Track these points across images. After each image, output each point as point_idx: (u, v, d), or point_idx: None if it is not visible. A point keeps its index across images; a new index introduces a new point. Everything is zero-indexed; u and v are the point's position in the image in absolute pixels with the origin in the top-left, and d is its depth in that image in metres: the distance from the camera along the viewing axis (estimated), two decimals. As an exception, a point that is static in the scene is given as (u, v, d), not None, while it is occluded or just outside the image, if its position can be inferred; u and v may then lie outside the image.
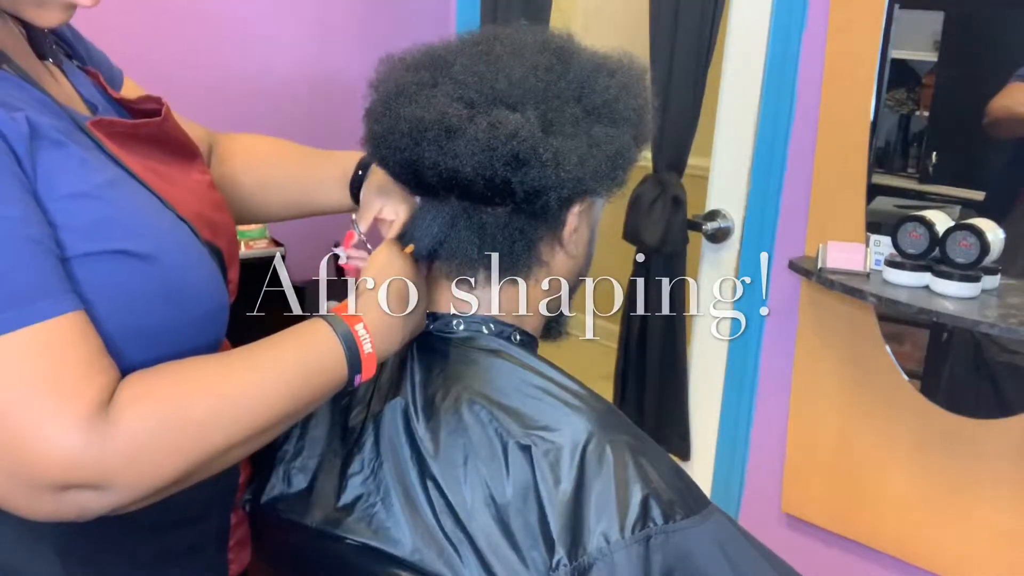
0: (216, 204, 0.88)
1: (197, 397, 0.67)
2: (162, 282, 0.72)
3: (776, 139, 1.76)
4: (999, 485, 1.53)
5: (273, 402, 0.71)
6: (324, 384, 0.76)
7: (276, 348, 0.74)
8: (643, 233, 1.90)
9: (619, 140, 0.86)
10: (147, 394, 0.65)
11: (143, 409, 0.64)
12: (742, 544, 0.79)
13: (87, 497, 0.63)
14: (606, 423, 0.81)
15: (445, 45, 0.90)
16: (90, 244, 0.68)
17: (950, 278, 1.43)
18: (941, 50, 1.66)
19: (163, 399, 0.66)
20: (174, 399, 0.66)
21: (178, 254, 0.74)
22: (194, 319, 0.76)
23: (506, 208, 0.86)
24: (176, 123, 0.88)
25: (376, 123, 0.87)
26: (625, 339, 2.07)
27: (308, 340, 0.76)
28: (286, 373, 0.73)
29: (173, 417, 0.65)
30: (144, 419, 0.64)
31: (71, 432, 0.61)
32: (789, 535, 1.88)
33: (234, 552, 0.90)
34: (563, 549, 0.74)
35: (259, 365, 0.72)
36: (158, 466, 0.65)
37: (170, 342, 0.73)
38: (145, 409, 0.64)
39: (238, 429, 0.69)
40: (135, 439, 0.63)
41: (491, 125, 0.81)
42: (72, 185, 0.68)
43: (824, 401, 1.75)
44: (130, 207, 0.72)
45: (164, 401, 0.66)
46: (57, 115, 0.72)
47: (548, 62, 0.86)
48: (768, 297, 1.84)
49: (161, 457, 0.65)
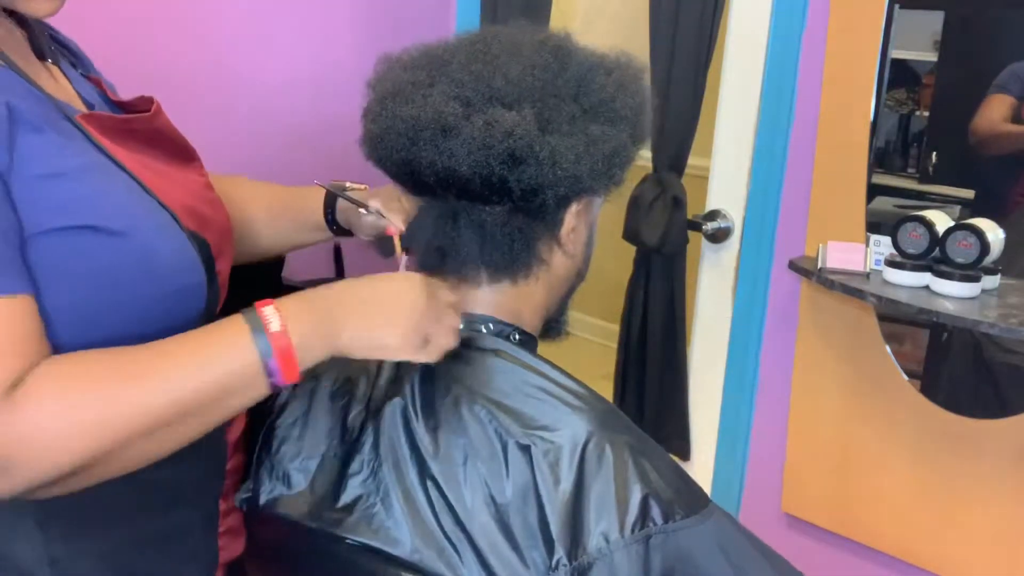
0: (209, 201, 0.89)
1: (95, 394, 0.68)
2: (133, 256, 0.74)
3: (776, 139, 1.76)
4: (999, 485, 1.52)
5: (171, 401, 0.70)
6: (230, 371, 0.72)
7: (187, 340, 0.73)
8: (643, 233, 1.90)
9: (616, 138, 0.86)
10: (52, 384, 0.67)
11: (44, 398, 0.66)
12: (742, 543, 0.79)
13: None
14: (606, 423, 0.81)
15: (442, 44, 0.90)
16: (58, 220, 0.70)
17: (950, 278, 1.43)
18: (941, 50, 1.66)
19: (64, 392, 0.67)
20: (74, 394, 0.67)
21: (150, 232, 0.76)
22: (169, 292, 0.77)
23: (504, 207, 0.86)
24: (169, 122, 0.90)
25: (373, 123, 0.88)
26: (625, 339, 2.06)
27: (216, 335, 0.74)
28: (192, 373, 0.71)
29: (69, 411, 0.67)
30: (42, 407, 0.66)
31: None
32: (789, 535, 1.88)
33: (225, 540, 0.91)
34: (563, 549, 0.74)
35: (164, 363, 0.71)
36: (52, 454, 0.66)
37: (148, 316, 0.75)
38: (46, 397, 0.66)
39: (148, 417, 0.69)
40: (34, 424, 0.65)
41: (487, 124, 0.81)
42: (46, 167, 0.71)
43: (824, 401, 1.75)
44: (104, 189, 0.75)
45: (64, 394, 0.67)
46: (41, 103, 0.74)
47: (545, 60, 0.86)
48: (768, 297, 1.84)
49: (55, 446, 0.66)
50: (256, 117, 2.16)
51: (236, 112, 2.12)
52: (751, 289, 1.86)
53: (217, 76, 2.09)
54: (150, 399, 0.69)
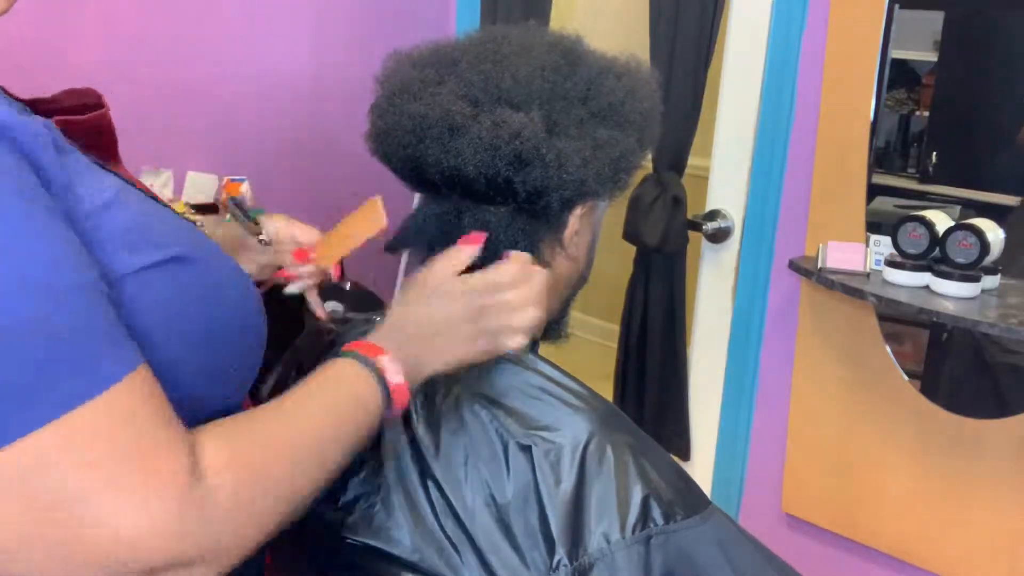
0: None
1: (279, 455, 0.63)
2: (207, 283, 0.66)
3: (776, 139, 1.76)
4: (999, 485, 1.53)
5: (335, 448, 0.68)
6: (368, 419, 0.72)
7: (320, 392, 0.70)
8: (643, 233, 1.90)
9: (623, 143, 0.86)
10: (233, 459, 0.59)
11: (234, 476, 0.58)
12: (742, 544, 0.79)
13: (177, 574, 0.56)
14: (607, 423, 0.81)
15: (453, 42, 0.89)
16: (139, 257, 0.60)
17: (950, 278, 1.43)
18: (941, 50, 1.67)
19: (250, 463, 0.60)
20: (260, 463, 0.61)
21: (203, 250, 0.68)
22: (242, 313, 0.70)
23: (508, 208, 0.85)
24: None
25: (380, 119, 0.87)
26: (625, 339, 2.07)
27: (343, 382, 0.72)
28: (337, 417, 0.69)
29: (263, 480, 0.61)
30: (239, 487, 0.58)
31: (166, 511, 0.54)
32: (789, 535, 1.88)
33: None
34: (563, 549, 0.74)
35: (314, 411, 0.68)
36: (254, 531, 0.60)
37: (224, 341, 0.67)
38: (237, 476, 0.58)
39: (318, 477, 0.66)
40: (233, 509, 0.58)
41: (495, 124, 0.81)
42: (97, 194, 0.60)
43: (824, 401, 1.75)
44: (150, 210, 0.66)
45: (253, 465, 0.60)
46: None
47: (555, 62, 0.85)
48: (768, 297, 1.84)
49: (257, 522, 0.60)
50: (256, 116, 2.16)
51: (236, 112, 2.12)
52: (751, 289, 1.86)
53: (216, 75, 2.09)
54: (313, 468, 0.65)
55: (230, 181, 1.96)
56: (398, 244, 0.92)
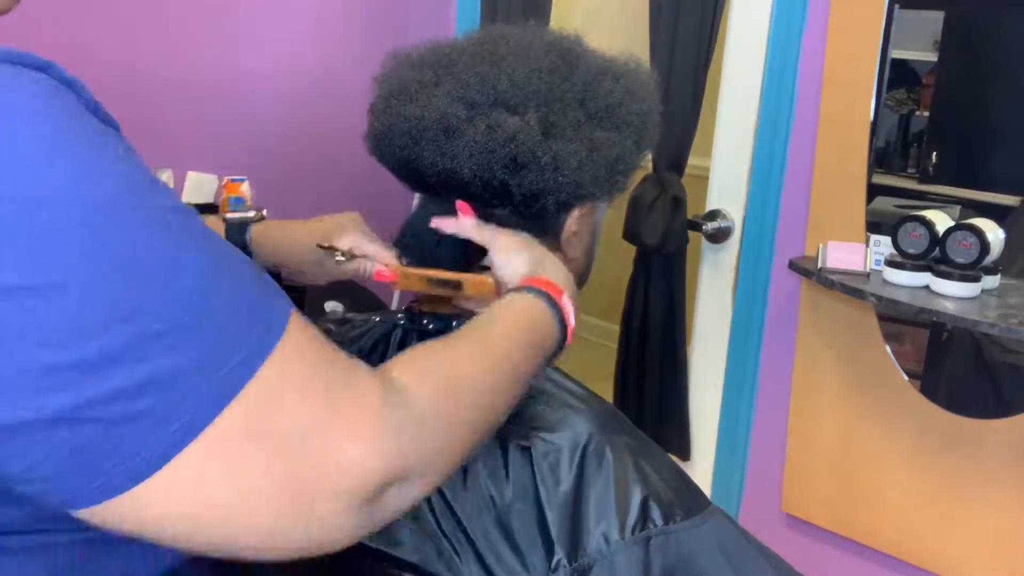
0: None
1: (470, 372, 0.63)
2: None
3: (776, 139, 1.76)
4: (999, 485, 1.53)
5: (519, 372, 0.69)
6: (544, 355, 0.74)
7: (502, 322, 0.71)
8: (643, 233, 1.90)
9: (621, 145, 0.85)
10: (426, 373, 0.60)
11: (433, 386, 0.59)
12: (742, 545, 0.79)
13: (394, 495, 0.56)
14: (606, 424, 0.81)
15: (451, 43, 0.89)
16: None
17: (950, 278, 1.43)
18: (941, 50, 1.67)
19: (444, 378, 0.61)
20: (454, 378, 0.61)
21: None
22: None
23: (504, 210, 0.85)
24: None
25: (377, 120, 0.87)
26: (625, 339, 2.07)
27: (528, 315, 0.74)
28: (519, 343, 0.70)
29: (461, 392, 0.61)
30: (437, 399, 0.59)
31: (381, 430, 0.54)
32: (789, 535, 1.88)
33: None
34: (563, 550, 0.74)
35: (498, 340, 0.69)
36: (458, 443, 0.61)
37: None
38: (435, 386, 0.59)
39: (505, 400, 0.67)
40: (436, 421, 0.58)
41: (490, 128, 0.80)
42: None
43: (824, 401, 1.75)
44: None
45: (447, 379, 0.61)
46: None
47: (553, 64, 0.85)
48: (768, 297, 1.84)
49: (458, 434, 0.61)
50: (255, 116, 2.16)
51: (236, 111, 2.12)
52: (751, 289, 1.86)
53: (215, 75, 2.09)
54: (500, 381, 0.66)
55: (230, 181, 1.96)
56: (397, 245, 0.92)
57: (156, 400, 0.46)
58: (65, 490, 0.47)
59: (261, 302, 0.53)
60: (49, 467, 0.46)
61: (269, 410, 0.50)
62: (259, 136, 2.16)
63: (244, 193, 1.95)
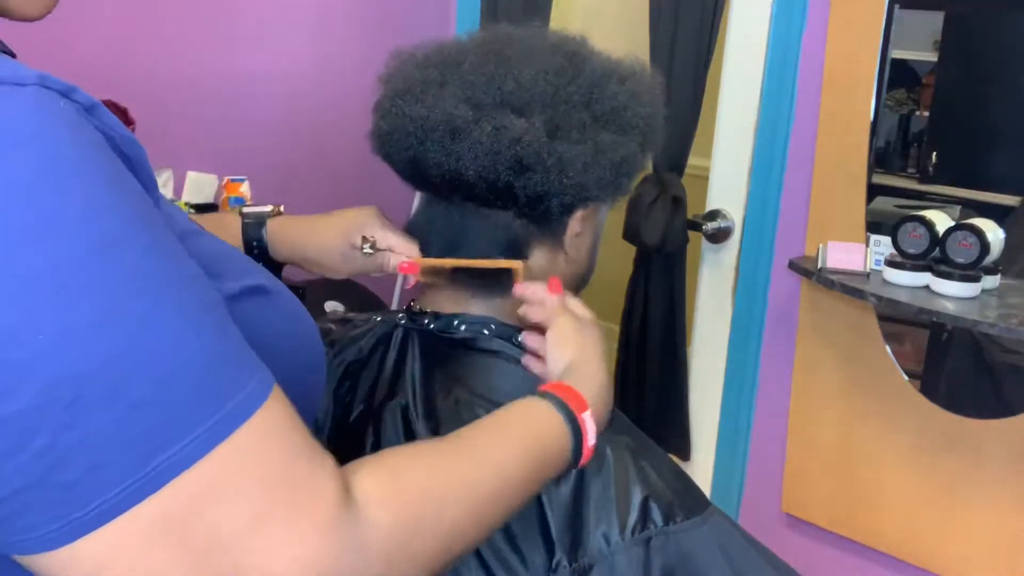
0: None
1: (448, 500, 0.57)
2: (284, 313, 0.61)
3: (776, 139, 1.76)
4: (999, 485, 1.53)
5: (511, 500, 0.63)
6: (550, 473, 0.69)
7: (507, 434, 0.65)
8: (643, 233, 1.90)
9: (625, 147, 0.85)
10: (397, 492, 0.54)
11: (395, 513, 0.52)
12: (742, 545, 0.79)
13: None
14: (606, 424, 0.81)
15: (456, 42, 0.89)
16: (229, 285, 0.55)
17: (950, 278, 1.43)
18: (941, 50, 1.66)
19: (416, 499, 0.54)
20: (427, 503, 0.55)
21: (273, 279, 0.62)
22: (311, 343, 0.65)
23: (508, 211, 0.85)
24: None
25: (382, 119, 0.87)
26: (625, 339, 2.07)
27: (536, 426, 0.68)
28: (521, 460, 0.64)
29: (428, 524, 0.55)
30: (397, 527, 0.52)
31: (324, 548, 0.48)
32: (789, 535, 1.88)
33: None
34: (563, 551, 0.74)
35: (495, 453, 0.63)
36: (420, 566, 0.54)
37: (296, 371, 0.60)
38: (398, 513, 0.53)
39: (484, 529, 0.61)
40: (389, 549, 0.52)
41: (496, 129, 0.80)
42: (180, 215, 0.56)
43: (824, 401, 1.75)
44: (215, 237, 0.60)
45: (417, 506, 0.54)
46: None
47: (559, 65, 0.85)
48: (768, 297, 1.84)
49: (411, 566, 0.54)
50: (256, 115, 2.16)
51: (236, 110, 2.12)
52: (751, 289, 1.86)
53: (216, 74, 2.09)
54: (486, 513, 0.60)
55: (230, 181, 1.96)
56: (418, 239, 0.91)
57: (77, 475, 0.42)
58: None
59: (229, 383, 0.47)
60: None
61: (194, 510, 0.45)
62: (259, 136, 2.16)
63: (244, 193, 1.95)
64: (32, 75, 0.45)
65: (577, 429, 0.70)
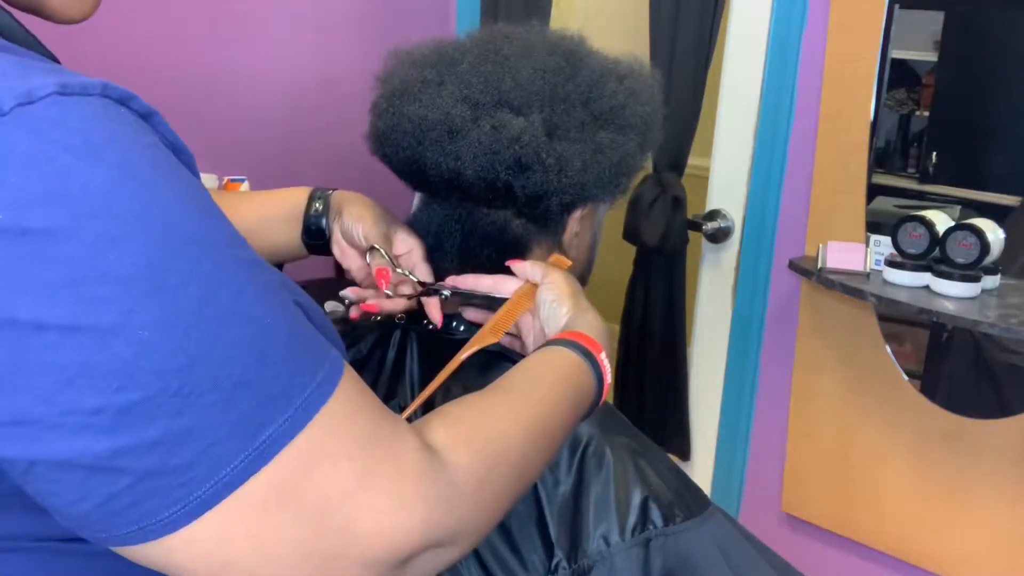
0: None
1: (511, 436, 0.62)
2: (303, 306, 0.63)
3: (776, 139, 1.76)
4: (999, 485, 1.53)
5: (558, 432, 0.69)
6: (581, 412, 0.74)
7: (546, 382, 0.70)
8: (643, 233, 1.90)
9: (624, 147, 0.85)
10: (468, 436, 0.59)
11: (472, 454, 0.58)
12: (742, 545, 0.79)
13: (427, 560, 0.55)
14: (606, 425, 0.81)
15: (454, 42, 0.89)
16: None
17: (950, 278, 1.43)
18: (941, 50, 1.66)
19: (484, 441, 0.60)
20: (497, 445, 0.60)
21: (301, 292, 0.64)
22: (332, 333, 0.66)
23: (507, 210, 0.85)
24: None
25: (380, 119, 0.87)
26: (625, 339, 2.07)
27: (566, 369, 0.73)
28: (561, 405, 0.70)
29: (501, 458, 0.60)
30: (477, 465, 0.58)
31: (418, 497, 0.52)
32: (789, 535, 1.88)
33: None
34: (562, 552, 0.74)
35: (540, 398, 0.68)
36: (494, 510, 0.60)
37: None
38: (474, 453, 0.58)
39: (543, 461, 0.67)
40: (474, 491, 0.57)
41: (494, 128, 0.80)
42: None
43: (824, 401, 1.75)
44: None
45: (489, 447, 0.60)
46: None
47: (557, 64, 0.85)
48: (768, 297, 1.84)
49: (496, 500, 0.60)
50: (256, 114, 2.16)
51: (236, 110, 2.12)
52: (751, 289, 1.86)
53: (216, 74, 2.09)
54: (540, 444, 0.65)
55: (230, 181, 1.96)
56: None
57: (192, 456, 0.45)
58: (96, 530, 0.46)
59: (313, 357, 0.51)
60: (82, 508, 0.45)
61: (303, 476, 0.48)
62: (259, 136, 2.16)
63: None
64: (96, 84, 0.47)
65: (598, 369, 0.75)
